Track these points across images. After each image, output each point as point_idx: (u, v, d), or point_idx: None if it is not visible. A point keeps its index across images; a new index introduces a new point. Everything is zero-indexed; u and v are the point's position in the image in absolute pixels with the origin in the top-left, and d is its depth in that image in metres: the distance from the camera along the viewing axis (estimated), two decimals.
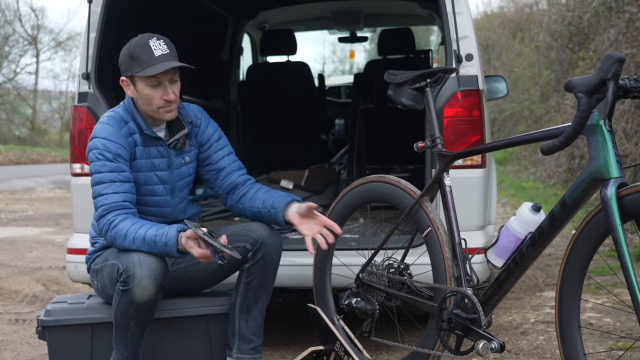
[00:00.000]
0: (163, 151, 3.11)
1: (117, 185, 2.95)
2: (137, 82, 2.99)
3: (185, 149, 3.16)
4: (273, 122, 5.82)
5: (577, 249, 2.44)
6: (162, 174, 3.12)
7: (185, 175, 3.19)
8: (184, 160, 3.17)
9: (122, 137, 3.01)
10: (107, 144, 2.97)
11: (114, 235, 2.90)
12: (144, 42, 2.96)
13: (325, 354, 3.25)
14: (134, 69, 2.96)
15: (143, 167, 3.07)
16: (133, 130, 3.05)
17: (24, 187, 15.90)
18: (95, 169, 2.97)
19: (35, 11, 37.71)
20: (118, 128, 3.02)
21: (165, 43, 2.99)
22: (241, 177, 3.23)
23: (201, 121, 3.22)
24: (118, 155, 2.98)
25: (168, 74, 2.98)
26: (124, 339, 2.93)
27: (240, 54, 6.27)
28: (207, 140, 3.22)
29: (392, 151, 5.58)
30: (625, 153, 7.44)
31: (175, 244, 2.81)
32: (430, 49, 6.51)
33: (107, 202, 2.93)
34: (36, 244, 7.85)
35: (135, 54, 2.96)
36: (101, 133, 3.01)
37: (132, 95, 3.04)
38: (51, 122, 34.77)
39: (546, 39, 13.22)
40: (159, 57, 2.94)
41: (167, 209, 3.14)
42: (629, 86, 2.38)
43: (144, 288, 2.81)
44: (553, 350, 3.73)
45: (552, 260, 6.26)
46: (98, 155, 2.97)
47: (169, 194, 3.14)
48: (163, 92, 2.98)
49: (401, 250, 3.16)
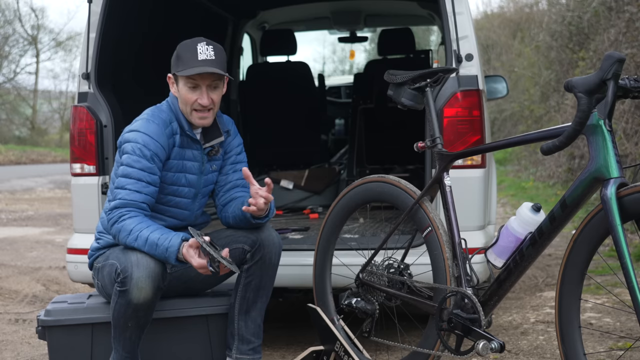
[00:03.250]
0: (198, 155, 3.12)
1: (142, 186, 2.95)
2: (179, 81, 3.03)
3: (217, 156, 3.18)
4: (273, 122, 5.82)
5: (577, 249, 2.44)
6: (191, 177, 3.12)
7: (210, 182, 3.20)
8: (211, 168, 3.18)
9: (164, 137, 3.02)
10: (149, 142, 2.97)
11: (120, 228, 2.89)
12: (193, 44, 3.00)
13: (325, 354, 3.25)
14: (177, 67, 3.00)
15: (174, 168, 3.07)
16: (175, 130, 3.06)
17: (24, 187, 15.91)
18: (128, 161, 2.96)
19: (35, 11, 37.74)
20: (163, 127, 3.02)
21: (213, 50, 3.00)
22: (238, 194, 3.20)
23: (231, 131, 3.24)
24: (155, 155, 2.98)
25: (207, 79, 2.99)
26: (122, 339, 2.93)
27: (240, 54, 6.28)
28: (230, 151, 3.24)
29: (392, 151, 5.58)
30: (625, 153, 7.44)
31: (175, 252, 2.80)
32: (430, 49, 6.51)
33: (127, 197, 2.93)
34: (36, 244, 7.85)
35: (181, 53, 3.00)
36: (145, 129, 3.00)
37: (175, 93, 3.08)
38: (51, 122, 34.76)
39: (546, 39, 13.22)
40: (202, 61, 2.96)
41: (186, 212, 3.14)
42: (629, 86, 2.38)
43: (141, 289, 2.80)
44: (553, 350, 3.74)
45: (552, 260, 6.27)
46: (135, 149, 2.96)
47: (192, 198, 3.14)
48: (199, 95, 3.00)
49: (401, 250, 3.16)
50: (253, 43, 6.72)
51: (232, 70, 6.07)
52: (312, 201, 5.33)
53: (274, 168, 5.77)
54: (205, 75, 2.98)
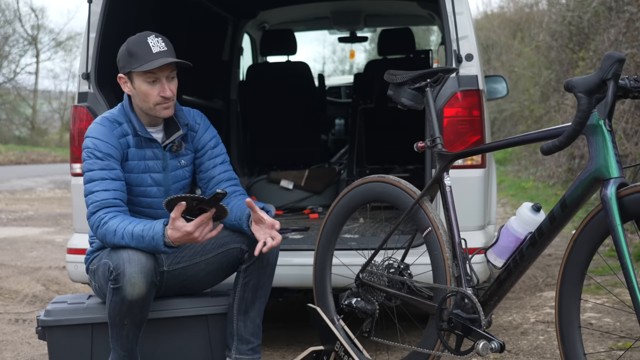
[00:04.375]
0: (158, 153, 3.12)
1: (107, 183, 2.96)
2: (135, 79, 3.01)
3: (182, 151, 3.16)
4: (273, 122, 5.82)
5: (577, 249, 2.44)
6: (156, 176, 3.12)
7: (180, 178, 3.19)
8: (179, 164, 3.17)
9: (113, 138, 3.03)
10: (98, 143, 3.00)
11: (104, 232, 2.90)
12: (142, 39, 2.99)
13: (325, 354, 3.25)
14: (132, 65, 2.98)
15: (136, 169, 3.08)
16: (126, 131, 3.06)
17: (24, 187, 15.91)
18: (86, 167, 3.00)
19: (35, 11, 37.73)
20: (110, 129, 3.04)
21: (163, 41, 3.01)
22: (229, 188, 3.19)
23: (199, 126, 3.22)
24: (108, 155, 2.99)
25: (165, 71, 2.99)
26: (120, 338, 2.93)
27: (240, 54, 6.27)
28: (202, 146, 3.22)
29: (392, 151, 5.58)
30: (625, 153, 7.44)
31: (161, 237, 2.80)
32: (430, 49, 6.51)
33: (97, 199, 2.94)
34: (36, 244, 7.85)
35: (133, 50, 2.98)
36: (93, 133, 3.03)
37: (130, 92, 3.06)
38: (51, 122, 34.76)
39: (546, 39, 13.23)
40: (157, 53, 2.96)
41: (160, 210, 3.11)
42: (629, 86, 2.38)
43: (134, 285, 2.80)
44: (553, 350, 3.73)
45: (552, 260, 6.26)
46: (89, 154, 3.00)
47: (163, 196, 3.12)
48: (160, 88, 3.00)
49: (401, 250, 3.16)
50: (253, 43, 6.72)
51: (232, 70, 6.07)
52: (312, 201, 5.33)
53: (274, 168, 5.77)
54: (163, 67, 2.97)
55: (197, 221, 2.79)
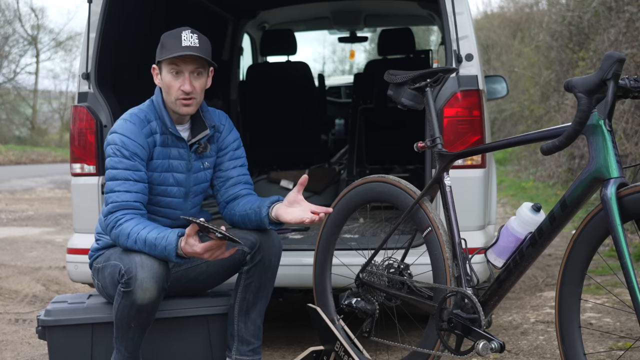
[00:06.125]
0: (184, 153, 3.10)
1: (130, 184, 2.94)
2: (162, 69, 3.00)
3: (206, 153, 3.15)
4: (273, 122, 5.82)
5: (577, 249, 2.44)
6: (179, 176, 3.10)
7: (202, 180, 3.17)
8: (202, 166, 3.15)
9: (142, 137, 3.00)
10: (126, 141, 2.96)
11: (118, 233, 2.89)
12: (177, 32, 2.98)
13: (325, 354, 3.25)
14: (161, 54, 2.98)
15: (159, 167, 3.06)
16: (154, 130, 3.03)
17: (24, 187, 15.90)
18: (111, 164, 2.97)
19: (35, 11, 37.70)
20: (140, 127, 3.00)
21: (198, 38, 2.97)
22: (244, 191, 3.20)
23: (224, 127, 3.21)
24: (135, 154, 2.97)
25: (190, 66, 2.96)
26: (125, 340, 2.93)
27: (240, 54, 6.28)
28: (225, 147, 3.21)
29: (392, 151, 5.57)
30: (625, 153, 7.44)
31: (174, 249, 2.80)
32: (430, 49, 6.51)
33: (118, 199, 2.92)
34: (36, 244, 7.85)
35: (165, 41, 2.98)
36: (121, 129, 2.99)
37: (159, 84, 3.05)
38: (51, 122, 34.75)
39: (546, 39, 13.23)
40: (186, 47, 2.93)
41: (178, 211, 3.12)
42: (629, 86, 2.38)
43: (145, 290, 2.80)
44: (553, 350, 3.74)
45: (552, 260, 6.26)
46: (115, 151, 2.96)
47: (183, 197, 3.13)
48: (182, 82, 2.97)
49: (401, 250, 3.16)
50: (253, 43, 6.72)
51: (232, 70, 6.07)
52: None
53: (274, 168, 5.77)
54: (188, 61, 2.95)
55: (207, 245, 2.78)
